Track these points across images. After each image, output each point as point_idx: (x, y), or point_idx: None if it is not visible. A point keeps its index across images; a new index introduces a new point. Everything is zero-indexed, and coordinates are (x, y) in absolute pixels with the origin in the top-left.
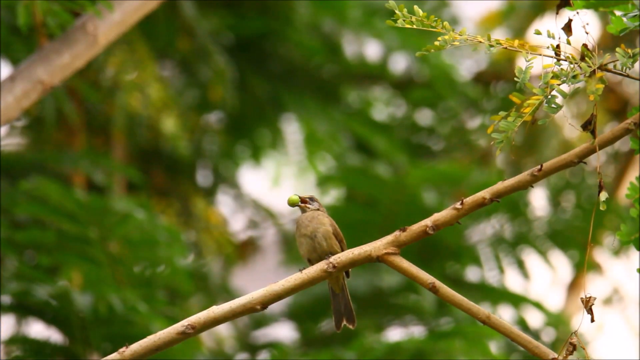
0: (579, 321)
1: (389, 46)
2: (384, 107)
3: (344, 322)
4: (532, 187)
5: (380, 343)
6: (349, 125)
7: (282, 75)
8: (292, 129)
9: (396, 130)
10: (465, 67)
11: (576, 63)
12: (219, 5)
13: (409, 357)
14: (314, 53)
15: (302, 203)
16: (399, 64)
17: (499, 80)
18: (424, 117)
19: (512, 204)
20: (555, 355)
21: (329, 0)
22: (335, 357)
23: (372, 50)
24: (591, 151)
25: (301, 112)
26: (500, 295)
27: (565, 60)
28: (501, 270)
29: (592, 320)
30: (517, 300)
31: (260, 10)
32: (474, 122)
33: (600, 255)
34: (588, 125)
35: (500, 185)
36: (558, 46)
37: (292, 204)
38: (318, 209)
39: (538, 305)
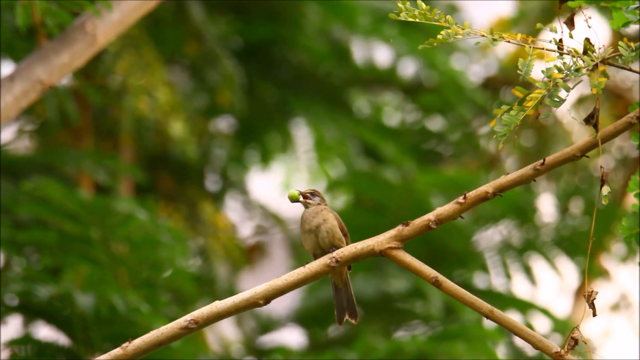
0: (581, 316)
1: (398, 51)
2: (394, 112)
3: (346, 317)
4: (535, 181)
5: (382, 344)
6: (357, 131)
7: (290, 81)
8: (302, 134)
9: (406, 136)
10: (475, 73)
11: (579, 57)
12: (228, 10)
13: (411, 358)
14: (323, 58)
15: (303, 198)
16: (408, 69)
17: (508, 86)
18: (435, 123)
19: (520, 210)
20: (558, 349)
21: (339, 3)
22: (337, 357)
23: (382, 55)
24: (594, 145)
25: (309, 117)
26: (507, 301)
27: (568, 54)
28: (508, 276)
29: (595, 315)
30: (524, 307)
31: (269, 16)
32: (484, 129)
33: (608, 262)
34: (591, 119)
35: (503, 179)
36: (561, 40)
37: (292, 199)
38: (319, 204)
39: (545, 312)
